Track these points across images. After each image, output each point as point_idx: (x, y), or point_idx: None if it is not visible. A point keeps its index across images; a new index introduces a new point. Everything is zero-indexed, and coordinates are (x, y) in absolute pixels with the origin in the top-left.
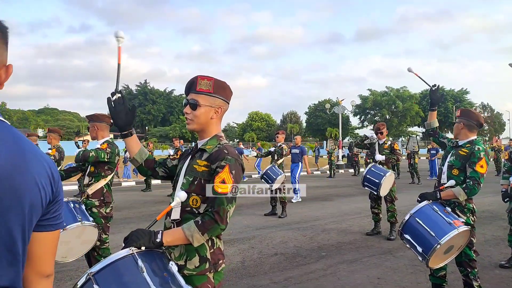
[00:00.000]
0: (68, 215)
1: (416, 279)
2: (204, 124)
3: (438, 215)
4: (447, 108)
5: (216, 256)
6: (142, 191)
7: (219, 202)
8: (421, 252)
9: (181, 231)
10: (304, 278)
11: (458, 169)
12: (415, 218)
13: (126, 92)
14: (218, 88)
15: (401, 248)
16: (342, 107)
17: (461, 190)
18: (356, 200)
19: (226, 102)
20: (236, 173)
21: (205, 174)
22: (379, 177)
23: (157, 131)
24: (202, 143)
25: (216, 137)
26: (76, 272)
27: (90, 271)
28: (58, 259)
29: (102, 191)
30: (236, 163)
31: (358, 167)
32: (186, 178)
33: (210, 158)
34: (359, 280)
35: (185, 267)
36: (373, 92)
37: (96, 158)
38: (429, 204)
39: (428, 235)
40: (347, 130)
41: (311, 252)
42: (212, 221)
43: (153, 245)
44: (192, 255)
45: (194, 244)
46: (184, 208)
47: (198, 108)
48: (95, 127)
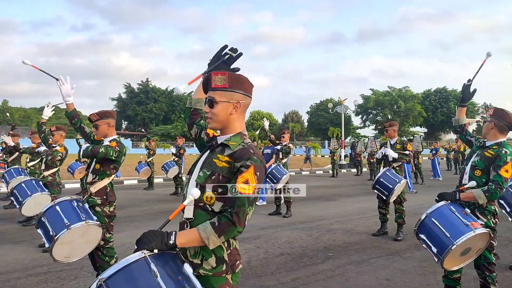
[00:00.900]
0: (72, 214)
1: (425, 281)
2: (224, 121)
3: (455, 216)
4: (449, 108)
5: (233, 257)
6: (145, 190)
7: (240, 203)
8: (436, 252)
9: (196, 232)
10: (312, 279)
11: (481, 170)
12: (431, 218)
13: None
14: (234, 81)
15: (408, 249)
16: (345, 106)
17: (482, 193)
18: (360, 200)
19: (246, 96)
20: (260, 175)
21: (225, 171)
22: (394, 183)
23: (158, 130)
24: (225, 138)
25: (240, 135)
26: (80, 271)
27: (102, 277)
28: (61, 259)
29: (105, 190)
30: (261, 164)
31: (361, 167)
32: (203, 171)
33: (233, 156)
34: (368, 282)
35: (201, 266)
36: (375, 92)
37: (104, 155)
38: (447, 204)
39: (443, 235)
40: (349, 130)
41: (317, 252)
42: (230, 223)
43: (166, 247)
44: (208, 256)
45: (209, 247)
46: (197, 203)
47: (215, 105)
48: (109, 124)
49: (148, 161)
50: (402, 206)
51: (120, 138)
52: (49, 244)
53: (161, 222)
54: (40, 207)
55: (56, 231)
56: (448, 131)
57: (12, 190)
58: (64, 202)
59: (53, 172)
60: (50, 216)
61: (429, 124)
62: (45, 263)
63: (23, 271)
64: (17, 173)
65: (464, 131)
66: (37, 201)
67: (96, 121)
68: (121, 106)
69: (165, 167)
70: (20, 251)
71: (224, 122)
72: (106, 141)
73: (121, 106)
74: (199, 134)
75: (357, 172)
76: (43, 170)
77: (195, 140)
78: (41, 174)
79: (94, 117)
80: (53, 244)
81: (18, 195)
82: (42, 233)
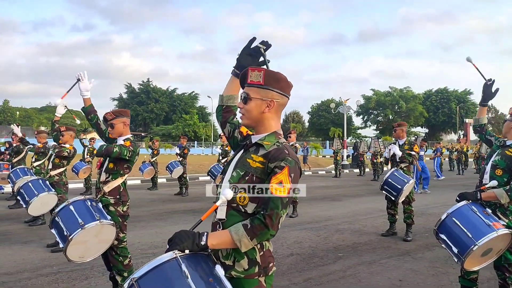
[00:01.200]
0: (86, 213)
1: (438, 282)
2: (257, 119)
3: (477, 216)
4: (450, 108)
5: (266, 259)
6: (148, 190)
7: (273, 206)
8: (456, 253)
9: (228, 234)
10: (324, 279)
11: (502, 170)
12: (452, 218)
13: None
14: (270, 79)
15: (419, 250)
16: (348, 107)
17: (504, 193)
18: (365, 201)
19: (282, 95)
20: (295, 177)
21: (259, 171)
22: (402, 183)
23: (159, 130)
24: (259, 138)
25: (274, 134)
26: (91, 271)
27: (133, 276)
28: (76, 259)
29: (118, 189)
30: (296, 165)
31: (364, 167)
32: (237, 172)
33: (267, 156)
34: (380, 282)
35: (233, 268)
36: (377, 92)
37: (119, 155)
38: (468, 204)
39: (465, 236)
40: (350, 130)
41: (327, 252)
42: (262, 225)
43: (197, 248)
44: (241, 257)
45: (241, 249)
46: (230, 204)
47: (249, 101)
48: (125, 123)
49: (152, 161)
50: (411, 206)
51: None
52: (63, 244)
53: (167, 222)
54: (47, 207)
55: (70, 231)
56: (449, 131)
57: (19, 189)
58: (78, 202)
59: (60, 172)
60: (64, 216)
61: (430, 125)
62: (54, 263)
63: (33, 271)
64: (23, 173)
65: (484, 130)
66: (43, 201)
67: (112, 119)
68: (122, 106)
69: (170, 167)
70: (28, 251)
71: (256, 120)
72: (121, 140)
73: (122, 106)
74: (232, 132)
75: (359, 172)
76: (50, 170)
77: (228, 139)
78: (47, 174)
79: (110, 116)
80: (68, 244)
81: (25, 194)
82: (56, 233)
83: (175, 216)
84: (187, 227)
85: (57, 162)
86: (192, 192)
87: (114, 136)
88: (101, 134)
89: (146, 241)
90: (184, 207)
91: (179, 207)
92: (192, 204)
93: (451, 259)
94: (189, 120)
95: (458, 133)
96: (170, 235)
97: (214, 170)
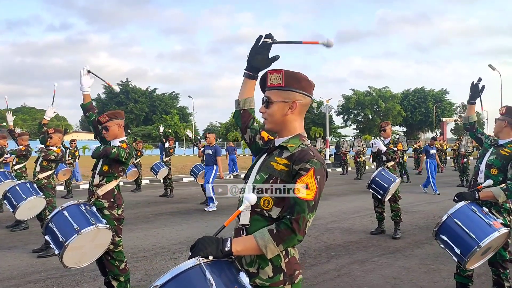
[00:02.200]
0: (81, 218)
1: (431, 278)
2: (280, 122)
3: (477, 216)
4: (427, 108)
5: (292, 266)
6: (132, 192)
7: (300, 209)
8: (459, 253)
9: (253, 240)
10: (319, 279)
11: (497, 169)
12: (453, 219)
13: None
14: (290, 80)
15: (408, 247)
16: (329, 106)
17: (502, 192)
18: (350, 199)
19: (304, 95)
20: (321, 179)
21: (283, 174)
22: (389, 182)
23: (139, 130)
24: (283, 140)
25: (299, 136)
26: (81, 277)
27: (156, 283)
28: (72, 265)
29: (112, 193)
30: (321, 167)
31: (347, 166)
32: (260, 175)
33: (292, 158)
34: (375, 281)
35: (258, 276)
36: (356, 92)
37: (116, 156)
38: (467, 204)
39: (467, 236)
40: (331, 130)
41: (319, 252)
42: (289, 230)
43: (222, 254)
44: (265, 264)
45: (267, 256)
46: (254, 209)
47: (271, 105)
48: (119, 125)
49: (136, 163)
50: (398, 204)
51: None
52: (58, 251)
53: (155, 224)
54: (34, 211)
55: (66, 237)
56: (426, 130)
57: (5, 193)
58: (71, 207)
59: (48, 175)
60: (58, 222)
61: (408, 124)
62: (42, 269)
63: (21, 278)
64: (4, 177)
65: (475, 128)
66: (31, 205)
67: (106, 122)
68: (100, 107)
69: (155, 169)
70: (13, 257)
71: (280, 123)
72: (116, 142)
73: (100, 107)
74: (253, 138)
75: (342, 171)
76: (38, 173)
77: (249, 145)
78: (34, 177)
79: (104, 119)
80: (64, 250)
81: (12, 198)
82: (51, 240)
83: (161, 218)
84: (175, 229)
85: (45, 165)
86: (177, 193)
87: (109, 138)
88: (97, 133)
89: (135, 244)
90: (171, 209)
91: (165, 208)
92: (178, 205)
93: (441, 256)
94: (170, 120)
95: (435, 131)
96: (159, 237)
97: (196, 169)
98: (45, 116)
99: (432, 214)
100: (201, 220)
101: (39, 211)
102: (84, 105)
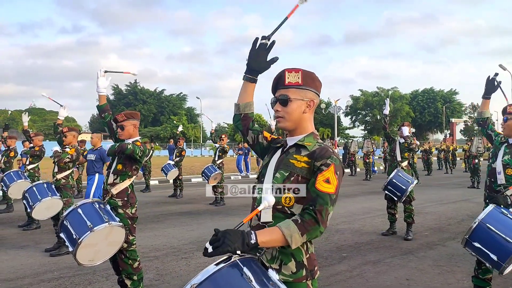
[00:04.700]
0: (94, 216)
1: (445, 280)
2: (297, 120)
3: (509, 219)
4: (436, 108)
5: (312, 262)
6: (141, 192)
7: (322, 202)
8: (496, 260)
9: (278, 230)
10: (332, 280)
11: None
12: (485, 224)
13: (116, 92)
14: (308, 79)
15: (421, 249)
16: (338, 107)
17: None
18: (360, 200)
19: (317, 95)
20: (340, 175)
21: (304, 171)
22: (407, 184)
23: (147, 131)
24: (298, 139)
25: (312, 135)
26: (93, 276)
27: (193, 282)
28: (86, 263)
29: (126, 192)
30: (340, 164)
31: (355, 167)
32: (280, 173)
33: (313, 155)
34: (388, 282)
35: (280, 272)
36: (364, 93)
37: (132, 152)
38: (495, 208)
39: (504, 241)
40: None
41: (331, 253)
42: (313, 221)
43: (248, 247)
44: (288, 260)
45: (292, 246)
46: (275, 206)
47: (289, 103)
48: (135, 125)
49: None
50: (411, 205)
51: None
52: (72, 248)
53: (165, 224)
54: (52, 211)
55: (79, 234)
56: (435, 131)
57: (24, 193)
58: (85, 205)
59: (66, 175)
60: (73, 219)
61: (416, 124)
62: (54, 268)
63: (34, 277)
64: (17, 176)
65: (487, 124)
66: (48, 206)
67: (123, 121)
68: None
69: (164, 170)
70: (26, 256)
71: (296, 122)
72: (130, 141)
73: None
74: (256, 139)
75: (351, 172)
76: (56, 173)
77: (252, 146)
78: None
79: (121, 118)
80: (77, 247)
81: (29, 199)
82: (65, 237)
83: (171, 218)
84: (185, 229)
85: (62, 165)
86: (186, 193)
87: (123, 137)
88: (112, 133)
89: (146, 244)
90: (180, 209)
91: (175, 209)
92: (187, 206)
93: (455, 257)
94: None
95: (444, 132)
96: (170, 237)
97: (208, 171)
98: (58, 117)
99: (443, 215)
100: (211, 220)
101: (57, 211)
102: (100, 106)
